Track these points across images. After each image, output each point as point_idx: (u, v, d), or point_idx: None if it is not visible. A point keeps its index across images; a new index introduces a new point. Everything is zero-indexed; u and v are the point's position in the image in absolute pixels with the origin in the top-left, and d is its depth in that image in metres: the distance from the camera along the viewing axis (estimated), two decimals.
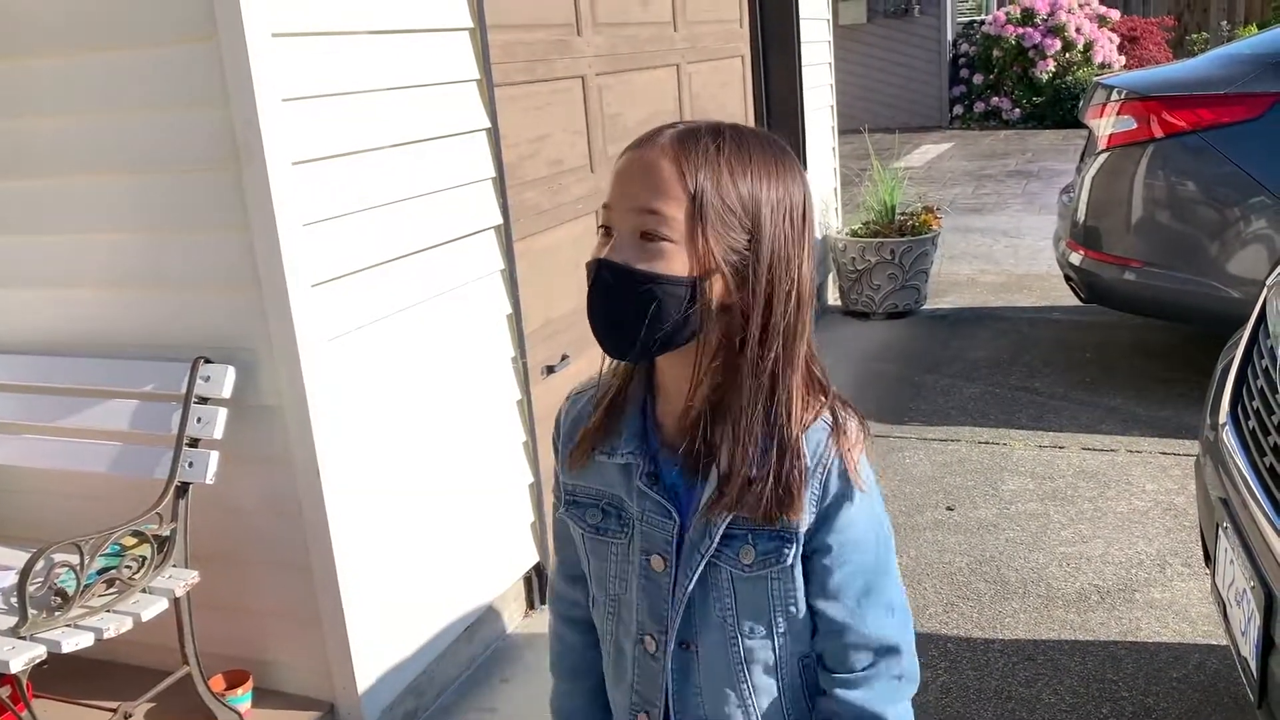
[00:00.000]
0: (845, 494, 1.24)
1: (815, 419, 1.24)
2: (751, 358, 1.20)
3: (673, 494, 1.28)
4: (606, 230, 1.20)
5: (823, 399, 1.26)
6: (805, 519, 1.22)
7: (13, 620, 2.24)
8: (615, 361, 1.28)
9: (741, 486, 1.21)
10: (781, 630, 1.28)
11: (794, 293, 1.20)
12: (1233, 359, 2.46)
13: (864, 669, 1.29)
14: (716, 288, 1.17)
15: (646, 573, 1.30)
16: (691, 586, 1.27)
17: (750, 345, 1.19)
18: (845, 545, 1.25)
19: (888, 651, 1.29)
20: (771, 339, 1.19)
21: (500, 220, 3.12)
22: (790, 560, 1.24)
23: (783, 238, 1.19)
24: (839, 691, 1.29)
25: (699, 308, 1.17)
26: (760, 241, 1.18)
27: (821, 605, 1.27)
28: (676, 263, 1.16)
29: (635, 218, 1.17)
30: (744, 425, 1.20)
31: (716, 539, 1.24)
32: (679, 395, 1.25)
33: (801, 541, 1.24)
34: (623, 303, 1.17)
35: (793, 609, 1.27)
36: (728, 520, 1.23)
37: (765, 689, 1.30)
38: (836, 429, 1.24)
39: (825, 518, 1.24)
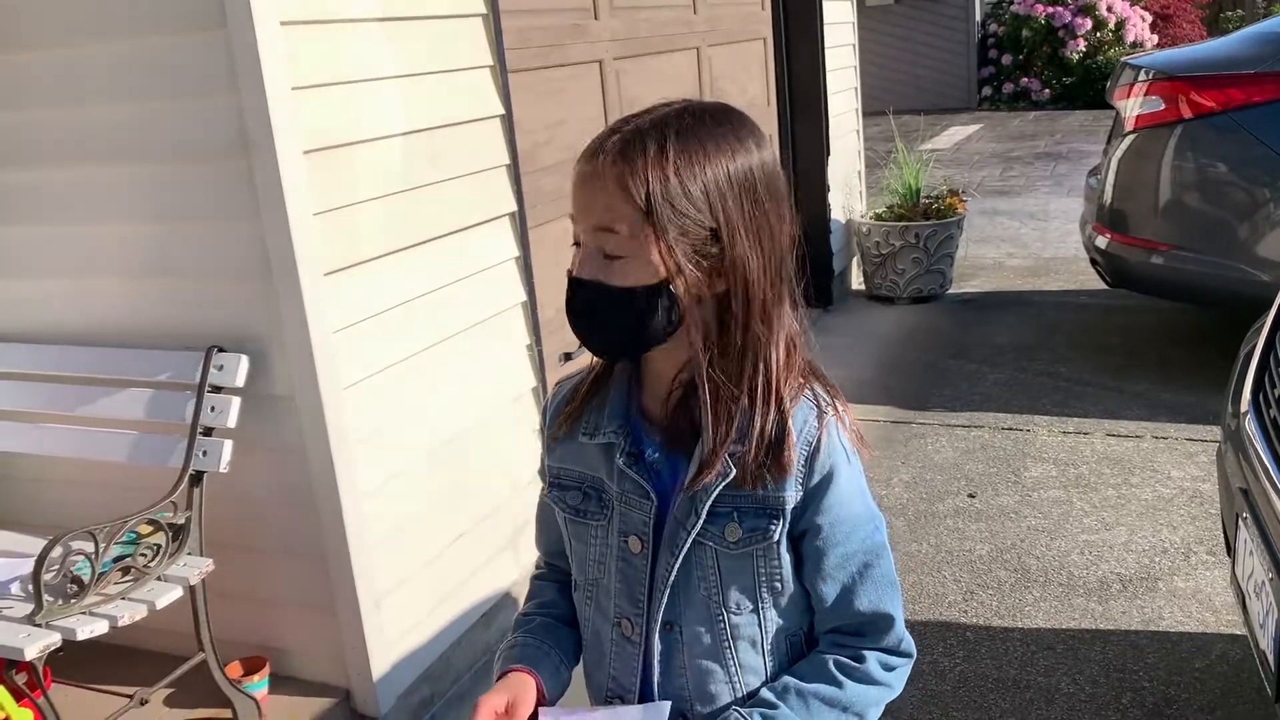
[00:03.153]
0: (833, 473, 1.23)
1: (799, 394, 1.24)
2: (732, 333, 1.21)
3: (654, 475, 1.28)
4: (578, 241, 1.22)
5: (804, 378, 1.26)
6: (792, 495, 1.22)
7: (29, 607, 2.26)
8: None
9: (726, 457, 1.21)
10: (767, 605, 1.28)
11: (771, 264, 1.21)
12: (1254, 346, 2.41)
13: (860, 649, 1.28)
14: (687, 283, 1.18)
15: (624, 555, 1.30)
16: (677, 566, 1.26)
17: (730, 322, 1.21)
18: (837, 524, 1.25)
19: (883, 630, 1.29)
20: (751, 313, 1.20)
21: (515, 207, 3.11)
22: (776, 536, 1.24)
23: (751, 215, 1.19)
24: (833, 671, 1.28)
25: (674, 305, 1.19)
26: (726, 226, 1.18)
27: (819, 586, 1.27)
28: (643, 272, 1.18)
29: (594, 235, 1.19)
30: (724, 399, 1.21)
31: (703, 515, 1.23)
32: (663, 378, 1.27)
33: (788, 518, 1.23)
34: (600, 315, 1.22)
35: (778, 584, 1.26)
36: (714, 496, 1.22)
37: (752, 666, 1.30)
38: (821, 408, 1.24)
39: (813, 497, 1.24)
